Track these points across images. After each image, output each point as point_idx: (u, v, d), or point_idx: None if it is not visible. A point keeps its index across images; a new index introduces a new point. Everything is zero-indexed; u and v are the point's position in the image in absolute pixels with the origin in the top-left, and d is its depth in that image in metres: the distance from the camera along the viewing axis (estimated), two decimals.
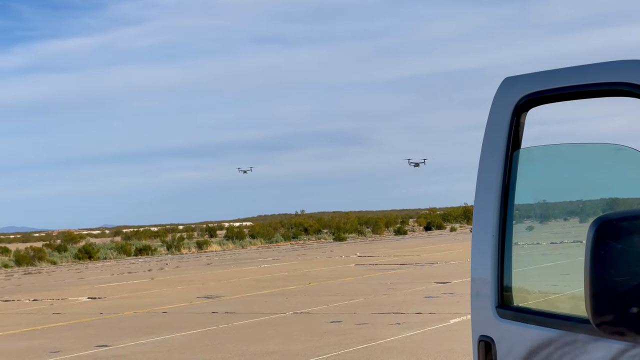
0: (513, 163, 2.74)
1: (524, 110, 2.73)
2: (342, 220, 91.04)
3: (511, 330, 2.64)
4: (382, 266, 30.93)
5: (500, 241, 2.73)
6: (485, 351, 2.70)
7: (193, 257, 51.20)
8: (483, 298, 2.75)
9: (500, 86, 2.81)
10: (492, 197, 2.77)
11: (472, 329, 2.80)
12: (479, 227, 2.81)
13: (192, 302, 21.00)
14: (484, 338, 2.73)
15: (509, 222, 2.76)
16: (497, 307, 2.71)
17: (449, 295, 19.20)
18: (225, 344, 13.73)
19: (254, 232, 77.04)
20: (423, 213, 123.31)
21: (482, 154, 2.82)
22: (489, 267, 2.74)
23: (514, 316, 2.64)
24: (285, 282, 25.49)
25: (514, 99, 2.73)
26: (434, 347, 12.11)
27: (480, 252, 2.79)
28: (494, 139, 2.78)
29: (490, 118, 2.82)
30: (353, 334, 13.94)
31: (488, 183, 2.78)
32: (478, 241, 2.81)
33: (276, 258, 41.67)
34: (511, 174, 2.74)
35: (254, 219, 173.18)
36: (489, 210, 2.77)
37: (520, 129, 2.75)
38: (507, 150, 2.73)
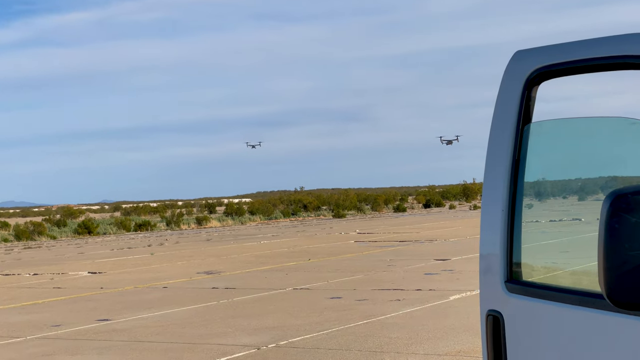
0: (524, 137, 2.72)
1: (536, 83, 2.70)
2: (342, 197, 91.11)
3: (520, 305, 2.62)
4: (381, 243, 30.99)
5: (510, 216, 2.72)
6: (494, 325, 2.69)
7: (192, 232, 51.28)
8: (492, 273, 2.74)
9: (511, 59, 2.78)
10: (502, 172, 2.75)
11: (481, 303, 2.79)
12: (489, 202, 2.79)
13: (192, 278, 21.05)
14: (492, 312, 2.72)
15: (519, 197, 2.74)
16: (506, 282, 2.70)
17: (448, 272, 19.24)
18: (225, 318, 13.77)
19: (253, 209, 77.14)
20: (422, 190, 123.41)
21: (492, 129, 2.79)
22: (499, 242, 2.73)
23: (523, 291, 2.63)
24: (284, 258, 25.54)
25: (525, 72, 2.70)
26: (434, 324, 12.14)
27: (490, 227, 2.77)
28: (504, 113, 2.75)
29: (500, 92, 2.79)
30: (353, 310, 13.98)
31: (498, 158, 2.76)
32: (487, 216, 2.79)
33: (276, 234, 41.73)
34: (522, 149, 2.71)
35: (253, 196, 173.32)
36: (498, 185, 2.75)
37: (532, 102, 2.72)
38: (517, 125, 2.71)
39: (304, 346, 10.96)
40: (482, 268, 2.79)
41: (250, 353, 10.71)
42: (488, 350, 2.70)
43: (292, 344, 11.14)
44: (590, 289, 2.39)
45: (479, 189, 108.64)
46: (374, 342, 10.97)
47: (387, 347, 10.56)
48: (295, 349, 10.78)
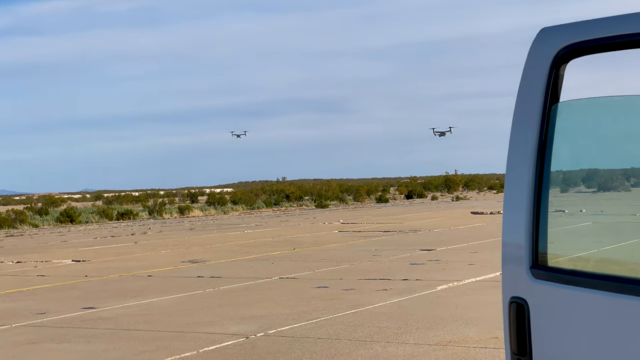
0: (551, 118, 2.62)
1: (564, 61, 2.60)
2: (324, 188, 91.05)
3: (547, 291, 2.54)
4: (365, 233, 30.94)
5: (537, 199, 2.62)
6: (517, 313, 2.60)
7: (175, 222, 51.02)
8: (516, 259, 2.65)
9: (537, 37, 2.68)
10: (527, 154, 2.65)
11: (503, 290, 2.70)
12: (513, 185, 2.69)
13: (177, 266, 20.90)
14: (516, 299, 2.63)
15: (545, 180, 2.65)
16: (531, 267, 2.61)
17: (434, 262, 19.21)
18: (212, 307, 13.65)
19: (236, 198, 76.89)
20: (404, 181, 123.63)
21: (516, 109, 2.69)
22: (524, 226, 2.64)
23: (550, 277, 2.54)
24: (269, 248, 25.43)
25: (553, 50, 2.60)
26: (423, 313, 12.09)
27: (514, 211, 2.68)
28: (529, 93, 2.66)
29: (525, 71, 2.69)
30: (340, 299, 13.90)
31: (523, 139, 2.66)
32: (511, 200, 2.69)
33: (259, 224, 41.60)
34: (549, 130, 2.62)
35: (234, 186, 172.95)
36: (524, 168, 2.65)
37: (560, 81, 2.62)
38: (544, 104, 2.61)
39: (292, 335, 10.87)
40: (505, 254, 2.69)
41: (239, 342, 10.61)
42: (511, 338, 2.62)
43: (280, 333, 11.05)
44: (626, 275, 2.30)
45: (460, 180, 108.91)
46: (363, 331, 10.90)
47: (376, 337, 10.49)
48: (284, 338, 10.69)
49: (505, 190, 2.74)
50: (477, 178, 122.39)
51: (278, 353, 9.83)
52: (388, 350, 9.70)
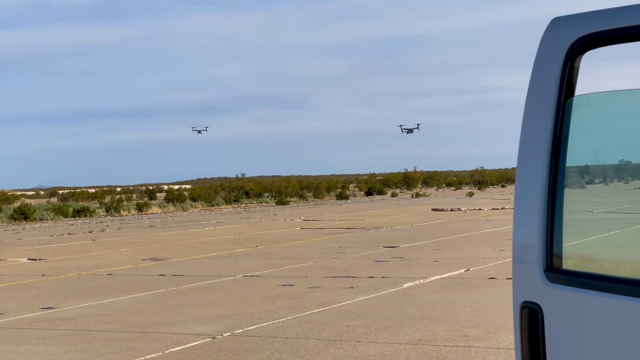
0: (566, 112, 2.47)
1: (580, 52, 2.45)
2: (284, 185, 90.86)
3: (563, 296, 2.39)
4: (328, 230, 30.81)
5: (551, 198, 2.47)
6: (530, 319, 2.45)
7: (134, 219, 50.38)
8: (528, 261, 2.50)
9: (548, 28, 2.53)
10: (540, 150, 2.50)
11: (514, 295, 2.55)
12: (525, 184, 2.54)
13: (138, 265, 20.54)
14: (528, 304, 2.48)
15: (560, 178, 2.49)
16: (545, 270, 2.46)
17: (398, 259, 19.14)
18: (176, 307, 13.38)
19: (195, 195, 76.31)
20: (363, 178, 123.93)
21: (527, 104, 2.54)
22: (537, 227, 2.48)
23: (566, 280, 2.39)
24: (231, 245, 25.16)
25: (567, 40, 2.46)
26: (391, 311, 11.97)
27: (526, 211, 2.53)
28: (542, 86, 2.51)
29: (537, 63, 2.54)
30: (307, 297, 13.73)
31: (536, 135, 2.51)
32: (523, 199, 2.54)
33: (220, 221, 41.23)
34: (564, 125, 2.47)
35: (193, 182, 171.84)
36: (537, 166, 2.50)
37: (575, 74, 2.48)
38: (558, 98, 2.46)
39: (260, 335, 10.67)
40: (516, 256, 2.54)
41: (206, 342, 10.38)
42: (523, 345, 2.47)
43: (248, 333, 10.84)
44: None
45: (419, 177, 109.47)
46: (332, 330, 10.74)
47: (346, 336, 10.34)
48: (252, 338, 10.49)
49: (516, 189, 2.59)
50: (435, 175, 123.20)
51: (246, 353, 9.62)
52: (358, 349, 9.56)
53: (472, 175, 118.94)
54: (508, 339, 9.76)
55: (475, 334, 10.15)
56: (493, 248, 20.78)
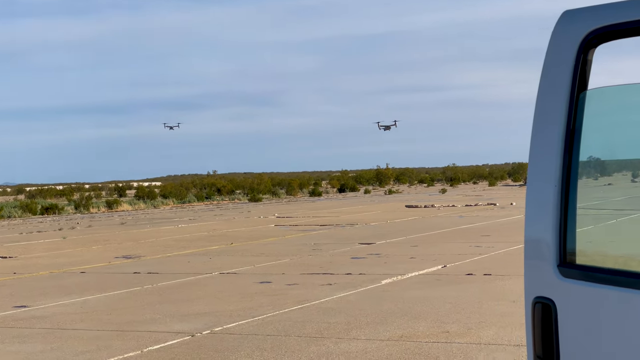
0: (579, 106, 2.44)
1: (593, 46, 2.42)
2: (256, 181, 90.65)
3: (577, 291, 2.36)
4: (302, 227, 30.75)
5: (564, 192, 2.44)
6: (543, 314, 2.42)
7: (105, 216, 49.95)
8: (540, 256, 2.47)
9: (560, 21, 2.49)
10: (553, 144, 2.47)
11: (526, 290, 2.51)
12: (537, 179, 2.50)
13: (111, 262, 20.35)
14: (541, 300, 2.44)
15: (573, 172, 2.46)
16: (559, 265, 2.43)
17: (375, 256, 19.14)
18: (153, 304, 13.25)
19: (166, 192, 75.88)
20: (335, 175, 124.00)
21: (539, 98, 2.50)
22: (550, 222, 2.45)
23: (581, 275, 2.36)
24: (206, 242, 25.02)
25: (580, 33, 2.43)
26: (371, 308, 11.95)
27: (538, 207, 2.49)
28: (554, 80, 2.47)
29: (548, 57, 2.50)
30: (285, 294, 13.67)
31: (548, 130, 2.47)
32: (535, 194, 2.50)
33: (193, 218, 41.00)
34: (577, 119, 2.43)
35: (163, 179, 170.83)
36: (550, 160, 2.46)
37: (587, 67, 2.44)
38: (571, 92, 2.43)
39: (240, 332, 10.60)
40: (528, 251, 2.50)
41: (185, 340, 10.28)
42: (535, 341, 2.43)
43: (227, 331, 10.76)
44: None
45: (392, 173, 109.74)
46: (312, 327, 10.70)
47: (327, 333, 10.30)
48: (232, 336, 10.41)
49: (528, 184, 2.55)
50: (407, 172, 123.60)
51: (227, 351, 9.54)
52: (340, 346, 9.52)
53: (444, 172, 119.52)
54: (488, 334, 9.78)
55: (456, 330, 10.15)
56: (469, 244, 20.86)
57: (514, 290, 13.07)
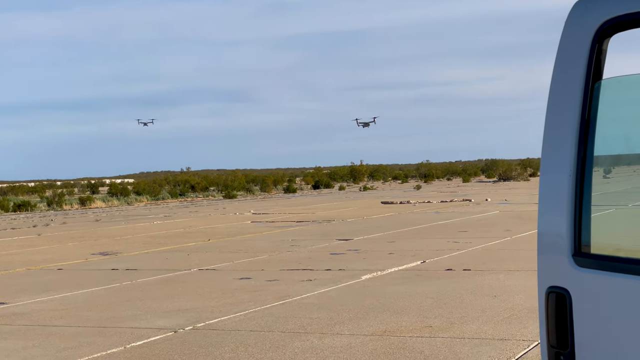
0: (594, 96, 2.45)
1: (608, 35, 2.44)
2: (230, 178, 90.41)
3: (593, 280, 2.37)
4: (279, 223, 30.72)
5: (579, 183, 2.45)
6: (557, 303, 2.43)
7: (79, 213, 49.56)
8: (555, 246, 2.48)
9: (573, 10, 2.51)
10: (568, 134, 2.48)
11: (539, 280, 2.53)
12: (550, 169, 2.51)
13: (88, 259, 20.19)
14: (555, 289, 2.46)
15: (588, 162, 2.47)
16: (573, 255, 2.44)
17: (353, 252, 19.16)
18: (133, 301, 13.18)
19: (139, 189, 75.45)
20: (309, 172, 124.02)
21: (552, 89, 2.51)
22: (564, 213, 2.46)
23: (596, 264, 2.38)
24: (182, 239, 24.91)
25: (594, 23, 2.44)
26: (353, 303, 11.97)
27: (552, 197, 2.50)
28: (568, 71, 2.48)
29: (562, 47, 2.51)
30: (266, 290, 13.65)
31: (562, 120, 2.48)
32: (549, 184, 2.51)
33: (168, 215, 40.80)
34: (591, 109, 2.45)
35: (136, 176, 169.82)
36: (564, 150, 2.48)
37: (602, 57, 2.46)
38: (586, 82, 2.44)
39: (223, 328, 10.56)
40: (542, 241, 2.52)
41: (168, 336, 10.23)
42: (549, 331, 2.45)
43: (210, 326, 10.72)
44: None
45: (366, 170, 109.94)
46: (295, 323, 10.69)
47: (310, 328, 10.30)
48: (214, 331, 10.37)
49: (541, 175, 2.56)
50: (381, 168, 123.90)
51: (210, 347, 9.51)
52: (324, 341, 9.52)
53: (417, 169, 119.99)
54: (472, 329, 9.83)
55: (439, 324, 10.20)
56: (447, 240, 20.96)
57: (493, 285, 13.16)
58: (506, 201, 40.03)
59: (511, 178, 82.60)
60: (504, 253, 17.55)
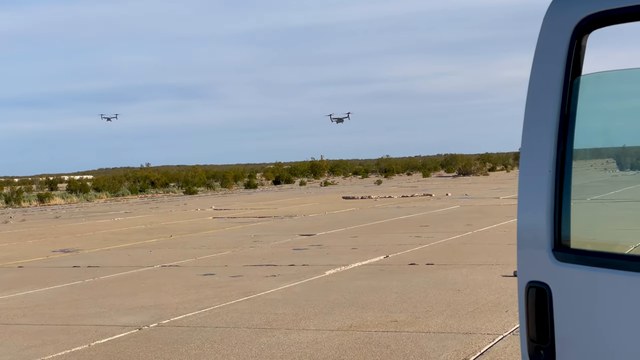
0: (573, 92, 2.48)
1: (587, 31, 2.46)
2: (190, 174, 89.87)
3: (572, 274, 2.40)
4: (241, 219, 30.62)
5: (558, 178, 2.47)
6: (537, 298, 2.45)
7: (38, 210, 48.89)
8: (534, 241, 2.50)
9: (551, 6, 2.53)
10: (547, 130, 2.50)
11: (519, 275, 2.55)
12: (530, 165, 2.53)
13: (49, 256, 19.93)
14: (535, 284, 2.48)
15: (568, 157, 2.50)
16: (553, 250, 2.46)
17: (316, 247, 19.17)
18: (95, 298, 13.04)
19: (99, 185, 74.68)
20: (269, 167, 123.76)
21: (531, 84, 2.53)
22: (544, 207, 2.48)
23: (576, 259, 2.40)
24: (144, 235, 24.70)
25: (574, 19, 2.46)
26: (318, 299, 11.97)
27: (531, 192, 2.52)
28: (547, 66, 2.50)
29: (540, 43, 2.53)
30: (230, 286, 13.60)
31: (542, 116, 2.50)
32: (528, 180, 2.54)
33: (128, 211, 40.44)
34: (571, 105, 2.47)
35: (94, 173, 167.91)
36: (543, 146, 2.50)
37: (582, 53, 2.48)
38: (565, 78, 2.46)
39: (188, 325, 10.50)
40: (522, 236, 2.54)
41: (133, 333, 10.14)
42: (529, 326, 2.47)
43: (175, 323, 10.65)
44: None
45: (326, 166, 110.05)
46: (260, 318, 10.67)
47: (275, 324, 10.28)
48: (180, 328, 10.31)
49: (520, 171, 2.58)
50: (342, 163, 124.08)
51: (176, 343, 9.45)
52: (290, 337, 9.52)
53: (377, 164, 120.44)
54: (437, 323, 9.90)
55: (404, 319, 10.25)
56: (409, 234, 21.08)
57: (457, 279, 13.27)
58: (466, 196, 40.37)
59: (470, 173, 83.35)
60: (466, 247, 17.70)
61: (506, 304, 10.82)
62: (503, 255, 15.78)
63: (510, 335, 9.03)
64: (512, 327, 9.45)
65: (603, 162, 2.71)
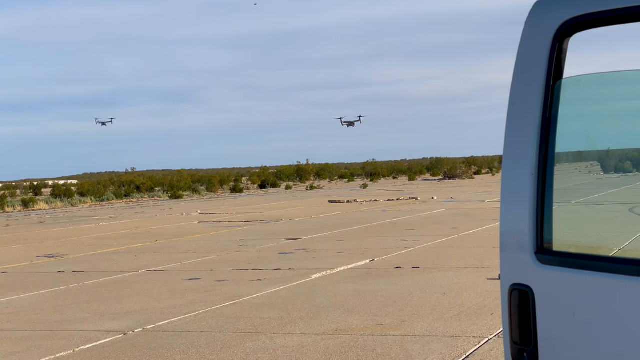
0: (555, 95, 2.49)
1: (568, 35, 2.47)
2: (175, 178, 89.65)
3: (555, 277, 2.41)
4: (226, 223, 30.56)
5: (541, 181, 2.48)
6: (520, 300, 2.46)
7: (21, 215, 48.61)
8: (517, 244, 2.51)
9: (533, 10, 2.54)
10: (529, 133, 2.51)
11: (502, 278, 2.55)
12: (512, 167, 2.54)
13: (33, 262, 19.81)
14: (518, 287, 2.48)
15: (550, 161, 2.51)
16: (536, 252, 2.47)
17: (302, 251, 19.16)
18: (80, 303, 12.97)
19: (83, 190, 74.32)
20: (255, 171, 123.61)
21: (513, 88, 2.54)
22: (527, 211, 2.49)
23: (558, 262, 2.41)
24: (129, 240, 24.61)
25: (555, 23, 2.47)
26: (304, 303, 11.96)
27: (514, 195, 2.53)
28: (529, 70, 2.51)
29: (522, 46, 2.54)
30: (216, 290, 13.57)
31: (523, 119, 2.52)
32: (510, 183, 2.54)
33: (113, 216, 40.27)
34: (552, 108, 2.48)
35: (79, 177, 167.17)
36: (526, 148, 2.51)
37: (563, 56, 2.50)
38: (547, 81, 2.47)
39: (173, 329, 10.46)
40: (504, 239, 2.54)
41: (117, 339, 10.10)
42: (512, 328, 2.47)
43: (160, 328, 10.61)
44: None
45: (312, 169, 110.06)
46: (246, 323, 10.64)
47: (261, 328, 10.26)
48: (165, 333, 10.27)
49: (503, 174, 2.59)
50: (327, 167, 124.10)
51: (161, 349, 9.41)
52: (275, 341, 9.50)
53: (363, 168, 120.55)
54: (422, 326, 9.91)
55: (390, 322, 10.25)
56: (394, 238, 21.10)
57: (442, 283, 13.29)
58: (452, 199, 40.46)
59: (456, 176, 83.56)
60: (451, 251, 17.74)
61: (491, 306, 10.85)
62: (488, 258, 15.83)
63: (496, 338, 9.05)
64: (498, 330, 9.48)
65: (587, 165, 2.73)
